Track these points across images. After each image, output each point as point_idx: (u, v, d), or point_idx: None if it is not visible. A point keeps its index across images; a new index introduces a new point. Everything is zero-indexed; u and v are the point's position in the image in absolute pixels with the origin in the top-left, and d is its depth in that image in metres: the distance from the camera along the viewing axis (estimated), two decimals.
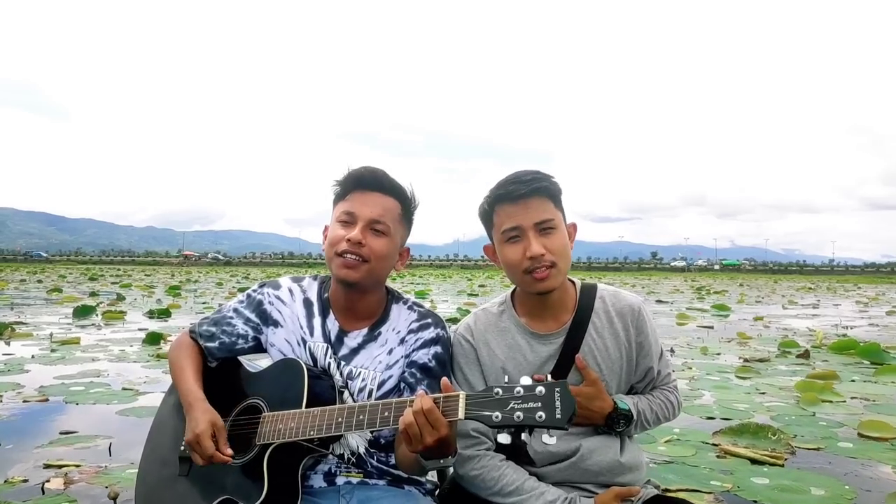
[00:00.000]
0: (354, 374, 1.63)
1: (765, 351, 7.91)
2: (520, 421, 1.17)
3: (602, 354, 1.64)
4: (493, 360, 1.66)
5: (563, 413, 1.15)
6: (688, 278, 58.44)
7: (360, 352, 1.65)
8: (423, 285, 27.99)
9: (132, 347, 7.42)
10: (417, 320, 1.69)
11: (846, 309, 17.43)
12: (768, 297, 22.91)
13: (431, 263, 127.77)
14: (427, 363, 1.63)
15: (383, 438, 1.64)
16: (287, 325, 1.69)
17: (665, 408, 1.72)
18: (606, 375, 1.64)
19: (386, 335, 1.68)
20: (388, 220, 1.62)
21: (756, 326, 11.44)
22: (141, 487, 1.69)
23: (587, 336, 1.64)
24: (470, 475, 1.58)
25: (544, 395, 1.17)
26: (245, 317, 1.71)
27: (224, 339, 1.69)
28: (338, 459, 1.61)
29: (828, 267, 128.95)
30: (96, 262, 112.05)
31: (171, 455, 1.62)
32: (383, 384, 1.63)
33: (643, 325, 1.67)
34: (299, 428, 1.43)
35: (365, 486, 1.61)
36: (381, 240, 1.61)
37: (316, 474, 1.60)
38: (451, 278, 43.45)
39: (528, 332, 1.66)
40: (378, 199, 1.62)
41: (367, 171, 1.64)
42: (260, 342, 1.72)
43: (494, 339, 1.68)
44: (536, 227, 1.56)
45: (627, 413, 1.60)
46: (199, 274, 46.20)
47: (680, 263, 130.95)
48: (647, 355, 1.68)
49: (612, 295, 1.71)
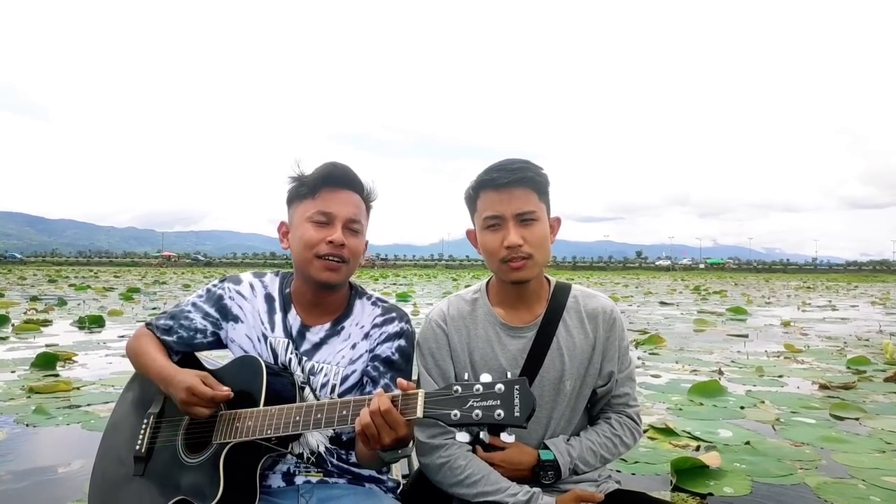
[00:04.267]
0: (317, 370, 1.61)
1: (833, 371, 6.28)
2: (478, 419, 1.16)
3: (570, 353, 1.63)
4: (463, 349, 1.65)
5: (521, 411, 1.14)
6: (676, 277, 57.39)
7: (322, 347, 1.64)
8: (407, 286, 26.39)
9: (12, 374, 5.58)
10: (381, 315, 1.67)
11: (867, 310, 16.02)
12: (776, 298, 21.47)
13: (416, 263, 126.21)
14: (390, 356, 1.62)
15: (345, 435, 1.63)
16: (248, 320, 1.67)
17: (613, 444, 1.66)
18: (570, 374, 1.62)
19: (349, 330, 1.66)
20: (361, 218, 1.63)
21: (791, 334, 9.87)
22: (95, 488, 1.64)
23: (558, 332, 1.63)
24: (437, 463, 1.57)
25: (503, 392, 1.16)
26: (204, 311, 1.68)
27: (182, 334, 1.66)
28: (297, 459, 1.59)
29: (811, 265, 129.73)
30: (72, 264, 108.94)
31: (127, 455, 1.59)
32: (346, 379, 1.62)
33: (614, 329, 1.66)
34: (256, 427, 1.40)
35: (325, 486, 1.59)
36: (357, 238, 1.62)
37: (274, 474, 1.58)
38: (436, 278, 41.81)
39: (499, 324, 1.66)
40: (350, 196, 1.62)
41: (336, 168, 1.62)
42: (220, 337, 1.68)
43: (466, 327, 1.67)
44: (517, 217, 1.55)
45: (552, 463, 1.56)
46: (174, 275, 44.23)
47: (665, 262, 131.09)
48: (611, 360, 1.66)
49: (585, 295, 1.70)
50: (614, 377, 1.66)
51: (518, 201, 1.54)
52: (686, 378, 5.75)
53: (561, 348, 1.61)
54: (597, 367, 1.64)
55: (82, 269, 64.29)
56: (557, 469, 1.56)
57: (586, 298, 1.68)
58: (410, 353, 1.65)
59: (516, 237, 1.52)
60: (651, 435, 3.77)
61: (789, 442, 3.69)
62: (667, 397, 4.89)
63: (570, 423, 1.65)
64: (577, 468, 1.60)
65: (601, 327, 1.64)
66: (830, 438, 3.75)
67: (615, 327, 1.66)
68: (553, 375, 1.61)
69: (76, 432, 3.80)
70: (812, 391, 5.26)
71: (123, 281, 30.83)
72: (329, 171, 1.59)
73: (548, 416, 1.62)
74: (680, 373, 6.10)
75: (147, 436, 1.57)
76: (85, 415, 4.18)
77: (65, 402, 4.52)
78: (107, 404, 4.44)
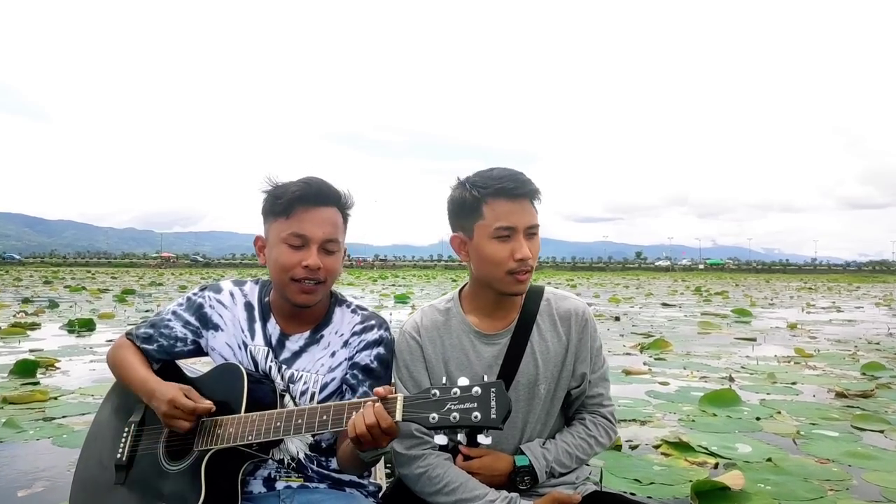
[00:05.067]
0: (296, 378, 1.61)
1: (848, 377, 6.01)
2: (456, 421, 1.18)
3: (544, 356, 1.63)
4: (438, 359, 1.65)
5: (497, 413, 1.16)
6: (676, 278, 57.13)
7: (301, 355, 1.64)
8: (406, 287, 26.12)
9: None
10: (361, 322, 1.68)
11: (872, 312, 15.77)
12: (778, 299, 21.21)
13: (415, 264, 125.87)
14: (369, 364, 1.63)
15: (325, 442, 1.63)
16: (228, 328, 1.67)
17: (588, 444, 1.67)
18: (545, 377, 1.63)
19: (328, 338, 1.66)
20: (338, 236, 1.60)
21: (799, 337, 9.61)
22: (77, 497, 1.64)
23: (532, 336, 1.64)
24: (415, 473, 1.57)
25: (480, 395, 1.18)
26: (184, 320, 1.68)
27: (162, 342, 1.66)
28: (277, 464, 1.59)
29: (810, 266, 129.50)
30: (70, 265, 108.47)
31: (108, 463, 1.58)
32: (326, 387, 1.62)
33: (586, 330, 1.67)
34: (238, 433, 1.42)
35: (305, 490, 1.59)
36: (333, 258, 1.60)
37: (255, 479, 1.58)
38: (435, 279, 41.49)
39: (473, 332, 1.66)
40: (326, 214, 1.58)
41: (309, 186, 1.57)
42: (200, 346, 1.68)
43: (440, 337, 1.67)
44: (527, 230, 1.55)
45: (528, 468, 1.57)
46: (172, 276, 43.93)
47: (664, 263, 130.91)
48: (583, 361, 1.66)
49: (557, 297, 1.70)
50: (587, 378, 1.67)
51: (528, 214, 1.55)
52: (696, 386, 5.49)
53: (535, 352, 1.62)
54: (570, 370, 1.65)
55: (80, 271, 63.91)
56: (534, 474, 1.57)
57: (558, 300, 1.69)
58: (389, 360, 1.66)
59: (527, 250, 1.53)
60: (665, 450, 3.51)
61: (814, 458, 3.42)
62: (677, 407, 4.63)
63: (546, 425, 1.67)
64: (553, 471, 1.61)
65: (573, 329, 1.65)
66: (857, 454, 3.48)
67: (587, 329, 1.67)
68: (527, 380, 1.62)
69: (45, 448, 3.52)
70: (829, 400, 4.99)
71: (120, 282, 30.52)
72: (303, 190, 1.55)
73: (524, 421, 1.63)
74: (689, 380, 5.84)
75: (128, 444, 1.58)
76: (58, 428, 3.91)
77: (39, 414, 4.25)
78: (84, 416, 4.17)
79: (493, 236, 1.54)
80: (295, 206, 1.55)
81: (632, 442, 3.68)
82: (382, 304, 15.99)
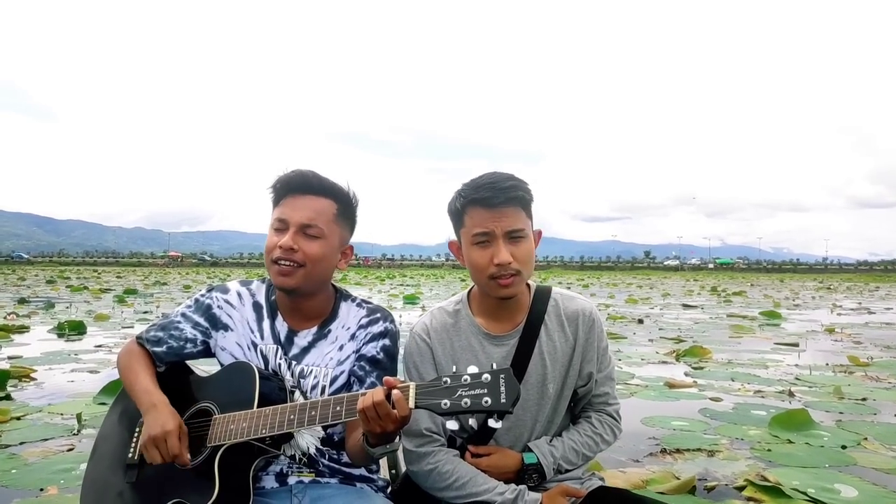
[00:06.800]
0: (306, 373, 1.64)
1: None
2: (467, 407, 1.20)
3: (552, 356, 1.65)
4: (447, 361, 1.67)
5: (507, 397, 1.18)
6: (688, 278, 56.30)
7: (310, 350, 1.66)
8: (414, 287, 25.50)
9: None
10: (367, 315, 1.70)
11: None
12: (800, 300, 20.44)
13: (423, 264, 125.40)
14: (375, 355, 1.65)
15: (336, 435, 1.64)
16: (237, 328, 1.69)
17: (594, 442, 1.70)
18: (553, 377, 1.65)
19: (336, 332, 1.68)
20: (320, 223, 1.61)
21: (842, 342, 8.90)
22: (88, 498, 1.63)
23: (540, 337, 1.65)
24: (424, 470, 1.60)
25: (490, 381, 1.20)
26: (193, 321, 1.69)
27: (172, 344, 1.67)
28: (289, 460, 1.61)
29: (821, 265, 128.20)
30: (78, 264, 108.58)
31: (119, 463, 1.59)
32: (336, 380, 1.64)
33: (593, 330, 1.69)
34: (251, 427, 1.43)
35: (317, 485, 1.61)
36: (314, 243, 1.60)
37: (267, 475, 1.60)
38: (444, 279, 40.86)
39: (482, 333, 1.68)
40: (309, 201, 1.61)
41: (295, 174, 1.64)
42: (209, 346, 1.70)
43: (449, 339, 1.69)
44: (507, 235, 1.55)
45: (536, 466, 1.60)
46: (178, 275, 43.50)
47: (673, 262, 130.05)
48: (590, 361, 1.68)
49: (565, 298, 1.72)
50: (594, 378, 1.69)
51: (508, 220, 1.54)
52: (753, 402, 4.81)
53: (543, 353, 1.65)
54: (577, 369, 1.67)
55: (86, 270, 63.70)
56: (541, 471, 1.60)
57: (566, 301, 1.70)
58: (395, 351, 1.69)
59: (506, 255, 1.53)
60: (752, 493, 2.84)
61: None
62: (743, 431, 3.95)
63: (553, 423, 1.69)
64: (560, 468, 1.64)
65: (581, 329, 1.67)
66: None
67: (594, 329, 1.69)
68: (536, 379, 1.64)
69: None
70: None
71: (124, 282, 30.06)
72: (289, 178, 1.62)
73: (533, 419, 1.65)
74: (742, 394, 5.15)
75: (140, 443, 1.55)
76: (8, 460, 3.24)
77: None
78: (45, 442, 3.54)
79: (473, 242, 1.57)
80: (284, 195, 1.62)
81: (706, 482, 3.01)
82: (391, 304, 15.35)
